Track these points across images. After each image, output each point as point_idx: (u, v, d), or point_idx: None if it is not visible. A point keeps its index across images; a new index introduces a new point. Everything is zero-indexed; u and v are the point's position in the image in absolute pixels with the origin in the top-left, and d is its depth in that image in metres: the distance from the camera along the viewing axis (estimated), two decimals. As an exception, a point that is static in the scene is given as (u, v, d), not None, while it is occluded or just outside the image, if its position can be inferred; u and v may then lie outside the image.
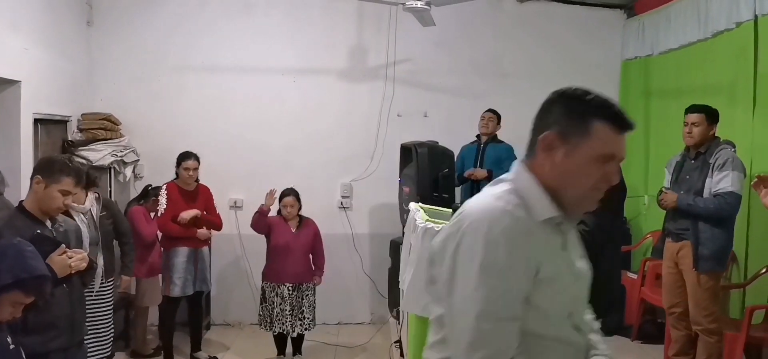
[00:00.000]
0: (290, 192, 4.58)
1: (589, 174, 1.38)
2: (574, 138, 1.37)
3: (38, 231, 2.53)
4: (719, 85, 4.50)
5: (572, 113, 1.39)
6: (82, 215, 3.54)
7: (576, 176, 1.38)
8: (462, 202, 5.03)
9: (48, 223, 2.66)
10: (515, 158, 5.14)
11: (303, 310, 4.51)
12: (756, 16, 4.08)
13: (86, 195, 3.69)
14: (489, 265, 1.30)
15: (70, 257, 2.51)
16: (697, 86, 4.81)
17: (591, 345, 1.50)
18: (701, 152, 3.82)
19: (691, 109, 3.89)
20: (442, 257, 1.39)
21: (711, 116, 3.81)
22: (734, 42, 4.31)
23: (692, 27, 4.81)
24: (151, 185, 4.80)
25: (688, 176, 3.87)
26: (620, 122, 1.41)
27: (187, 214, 4.42)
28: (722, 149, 3.73)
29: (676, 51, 5.07)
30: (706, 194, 3.72)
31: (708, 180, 3.71)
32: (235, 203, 5.54)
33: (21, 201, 2.72)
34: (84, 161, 4.67)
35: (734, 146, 3.81)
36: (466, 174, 5.14)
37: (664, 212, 4.09)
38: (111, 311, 3.78)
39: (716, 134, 3.86)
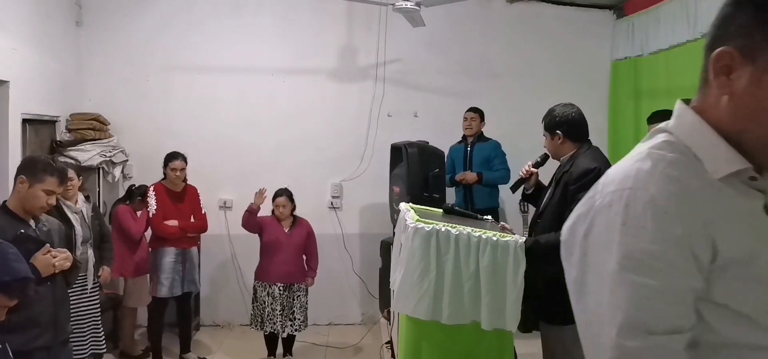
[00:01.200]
0: (283, 192, 4.56)
1: None
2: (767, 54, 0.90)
3: (22, 231, 2.52)
4: (708, 86, 4.52)
5: (766, 16, 0.91)
6: (75, 214, 3.60)
7: None
8: (455, 203, 5.01)
9: (31, 222, 2.64)
10: (503, 154, 5.15)
11: (294, 311, 4.49)
12: (745, 16, 4.10)
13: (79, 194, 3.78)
14: (631, 255, 0.91)
15: (54, 257, 2.49)
16: (686, 86, 4.82)
17: None
18: None
19: (651, 118, 3.98)
20: (570, 247, 1.02)
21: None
22: (723, 42, 4.33)
23: (681, 27, 4.82)
24: (134, 185, 4.78)
25: None
26: None
27: (168, 223, 4.40)
28: None
29: (665, 51, 5.09)
30: None
31: None
32: (225, 203, 5.51)
33: (4, 201, 2.69)
34: (72, 162, 4.64)
35: None
36: (457, 178, 5.14)
37: None
38: (99, 306, 3.85)
39: None
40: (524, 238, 2.57)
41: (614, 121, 5.81)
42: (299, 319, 4.53)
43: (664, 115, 4.00)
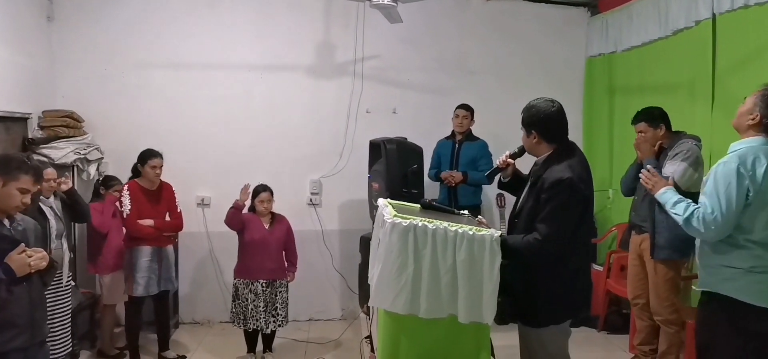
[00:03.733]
0: (265, 188, 4.55)
1: None
2: None
3: (-5, 230, 2.48)
4: (679, 82, 4.62)
5: None
6: (50, 208, 3.61)
7: None
8: (439, 198, 5.06)
9: (6, 221, 2.60)
10: (489, 154, 5.14)
11: (276, 307, 4.49)
12: (714, 14, 4.20)
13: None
14: None
15: (29, 256, 2.45)
16: (658, 83, 4.93)
17: None
18: (664, 147, 3.94)
19: (634, 119, 4.06)
20: None
21: (653, 119, 3.94)
22: (693, 39, 4.43)
23: (653, 25, 4.92)
24: (99, 179, 4.74)
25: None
26: None
27: (144, 223, 4.35)
28: (682, 143, 3.82)
29: (638, 48, 5.19)
30: None
31: (662, 170, 3.82)
32: (203, 200, 5.48)
33: (-23, 201, 2.65)
34: (46, 159, 4.57)
35: (698, 140, 3.88)
36: (442, 175, 5.17)
37: (629, 207, 4.22)
38: (70, 305, 3.83)
39: (675, 130, 3.97)
40: (500, 232, 2.60)
41: (589, 117, 5.91)
42: (281, 315, 4.53)
43: (640, 117, 4.10)
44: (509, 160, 2.98)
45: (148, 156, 4.40)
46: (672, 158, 3.77)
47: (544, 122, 2.70)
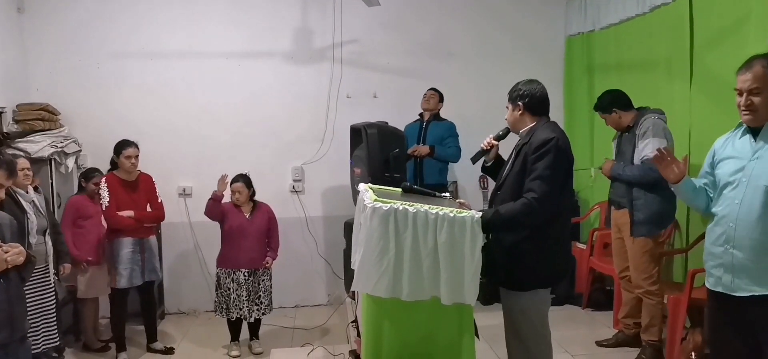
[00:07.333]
0: (239, 179, 4.51)
1: None
2: None
3: (-31, 227, 2.43)
4: (657, 59, 4.65)
5: None
6: (29, 203, 3.58)
7: None
8: (409, 180, 5.10)
9: (-21, 218, 2.55)
10: (456, 134, 5.18)
11: (259, 295, 4.48)
12: (690, -11, 4.22)
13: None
14: None
15: (6, 252, 2.41)
16: (636, 60, 4.95)
17: None
18: (630, 125, 4.01)
19: (594, 107, 4.19)
20: None
21: (603, 108, 4.09)
22: (671, 16, 4.45)
23: (631, 2, 4.93)
24: (82, 170, 4.66)
25: (623, 149, 4.09)
26: None
27: (123, 214, 4.30)
28: (646, 119, 3.91)
29: (616, 26, 5.21)
30: (635, 162, 3.91)
31: (636, 150, 3.89)
32: (184, 190, 5.43)
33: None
34: (22, 154, 4.49)
35: (661, 113, 3.97)
36: (409, 151, 5.16)
37: (610, 185, 4.28)
38: (54, 298, 3.78)
39: (638, 106, 4.07)
40: (481, 213, 2.60)
41: (569, 95, 5.93)
42: (265, 303, 4.52)
43: (596, 107, 4.21)
44: (494, 142, 3.02)
45: (122, 147, 4.35)
46: (642, 136, 3.86)
47: (531, 95, 2.84)
